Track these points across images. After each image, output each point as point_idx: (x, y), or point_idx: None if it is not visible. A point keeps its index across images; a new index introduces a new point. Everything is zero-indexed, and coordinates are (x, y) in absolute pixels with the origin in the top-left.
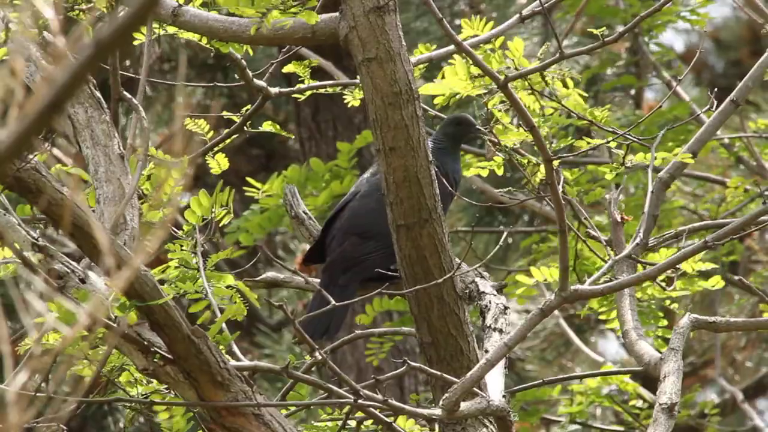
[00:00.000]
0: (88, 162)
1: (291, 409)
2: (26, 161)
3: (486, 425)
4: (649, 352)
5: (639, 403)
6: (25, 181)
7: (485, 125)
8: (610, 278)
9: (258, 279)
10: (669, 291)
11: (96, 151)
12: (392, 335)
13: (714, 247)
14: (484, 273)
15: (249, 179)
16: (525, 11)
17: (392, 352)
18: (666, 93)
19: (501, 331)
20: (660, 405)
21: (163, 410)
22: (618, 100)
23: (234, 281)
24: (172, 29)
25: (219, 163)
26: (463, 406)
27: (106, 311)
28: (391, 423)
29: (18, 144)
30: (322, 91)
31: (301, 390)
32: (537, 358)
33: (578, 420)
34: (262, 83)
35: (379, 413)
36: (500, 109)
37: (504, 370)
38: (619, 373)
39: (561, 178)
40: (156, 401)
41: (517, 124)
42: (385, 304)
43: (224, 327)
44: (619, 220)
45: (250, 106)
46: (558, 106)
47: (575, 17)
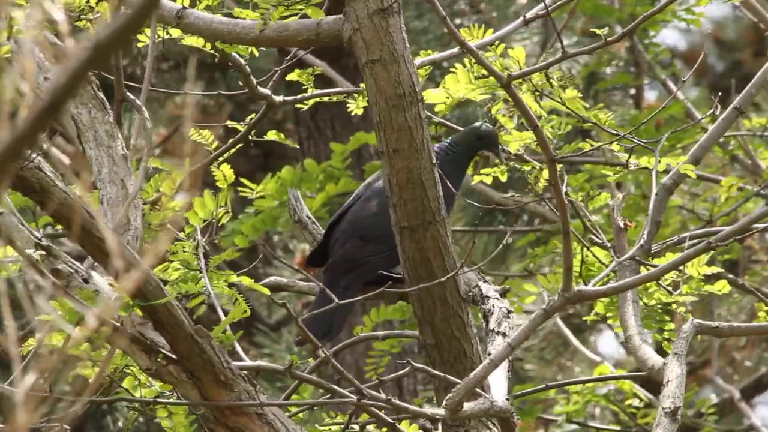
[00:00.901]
0: (91, 163)
1: (293, 410)
2: (29, 160)
3: (489, 427)
4: (653, 357)
5: (636, 403)
6: (28, 180)
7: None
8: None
9: (261, 283)
10: (675, 295)
11: (99, 151)
12: (396, 338)
13: (717, 248)
14: (487, 277)
15: (243, 180)
16: (529, 14)
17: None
18: (663, 92)
19: (504, 335)
20: (663, 409)
21: (162, 409)
22: (618, 100)
23: (236, 278)
24: (175, 32)
25: (224, 174)
26: (467, 406)
27: (114, 312)
28: (395, 423)
29: (18, 144)
30: (326, 99)
31: (303, 392)
32: (536, 358)
33: (574, 419)
34: (266, 91)
35: (382, 413)
36: (504, 114)
37: (507, 372)
38: (622, 378)
39: (565, 178)
40: (159, 401)
41: (519, 123)
42: (382, 314)
43: (227, 327)
44: (623, 226)
45: (254, 114)
46: (562, 107)
47: (568, 16)
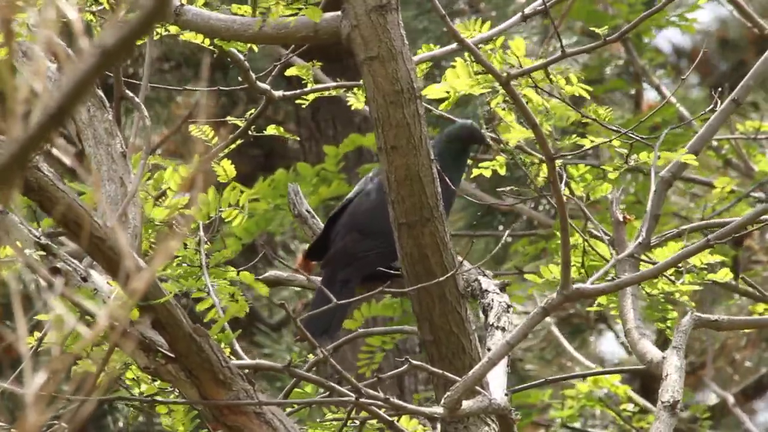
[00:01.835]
0: (90, 161)
1: (292, 408)
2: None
3: (488, 423)
4: (652, 351)
5: (630, 407)
6: (27, 179)
7: (488, 124)
8: (613, 277)
9: (261, 278)
10: (678, 285)
11: (98, 150)
12: (393, 334)
13: (715, 245)
14: (486, 271)
15: (235, 183)
16: (527, 10)
17: (393, 352)
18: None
19: (504, 330)
20: (662, 402)
21: (162, 408)
22: (618, 99)
23: (237, 275)
24: (174, 28)
25: (225, 169)
26: (465, 404)
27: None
28: (393, 422)
29: (25, 150)
30: (326, 93)
31: (306, 388)
32: (536, 358)
33: (569, 424)
34: (265, 86)
35: (381, 412)
36: (504, 108)
37: (507, 369)
38: (622, 372)
39: (564, 176)
40: (158, 399)
41: (518, 121)
42: (373, 309)
43: (226, 325)
44: (622, 219)
45: (254, 109)
46: (562, 106)
47: (560, 18)
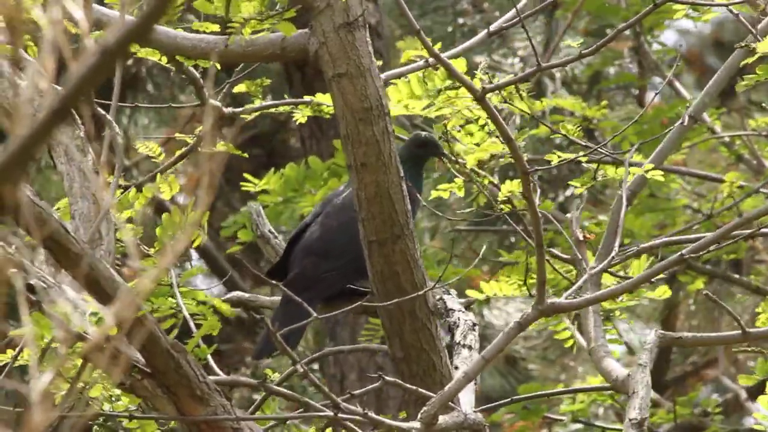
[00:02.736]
0: (62, 177)
1: (268, 423)
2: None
3: None
4: (616, 369)
5: None
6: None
7: (443, 143)
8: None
9: (224, 299)
10: (618, 302)
11: (70, 167)
12: (362, 351)
13: (689, 260)
14: (450, 290)
15: (247, 175)
16: (492, 27)
17: (367, 368)
18: (666, 92)
19: (470, 348)
20: (630, 420)
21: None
22: (621, 99)
23: (205, 297)
24: (137, 48)
25: (170, 186)
26: (441, 419)
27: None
28: None
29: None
30: (273, 110)
31: (272, 403)
32: (539, 358)
33: (580, 419)
34: (216, 102)
35: (358, 429)
36: (458, 130)
37: (474, 385)
38: (589, 390)
39: (537, 191)
40: (136, 416)
41: (493, 135)
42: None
43: (200, 342)
44: (582, 238)
45: (201, 126)
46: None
47: (571, 16)
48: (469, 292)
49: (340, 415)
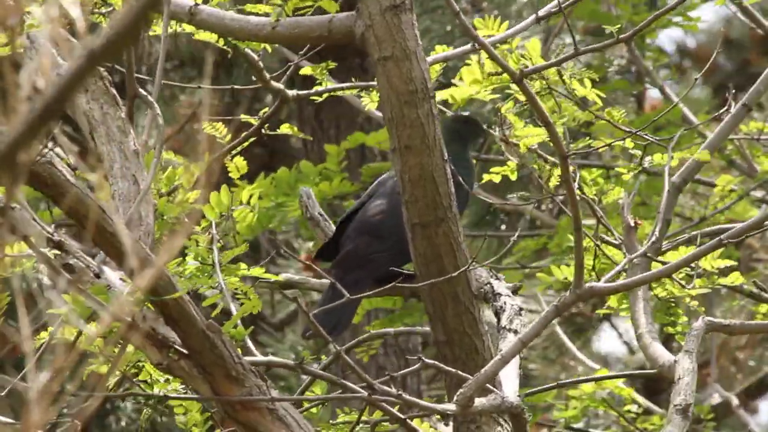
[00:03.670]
0: (103, 159)
1: (305, 405)
2: (41, 155)
3: (501, 424)
4: (663, 355)
5: (634, 408)
6: (40, 174)
7: (500, 128)
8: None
9: (273, 281)
10: (689, 289)
11: (111, 147)
12: (407, 334)
13: (728, 245)
14: (499, 275)
15: (237, 181)
16: (541, 12)
17: (395, 351)
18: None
19: (516, 332)
20: (675, 406)
21: (179, 408)
22: (621, 100)
23: (248, 272)
24: (189, 28)
25: (237, 166)
26: (478, 402)
27: (128, 308)
28: (405, 419)
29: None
30: (340, 93)
31: (315, 388)
32: (539, 357)
33: (573, 425)
34: (279, 85)
35: (394, 409)
36: (515, 113)
37: (519, 370)
38: (633, 376)
39: (577, 175)
40: (171, 396)
41: (532, 124)
42: (374, 302)
43: (239, 322)
44: (632, 224)
45: (267, 108)
46: (572, 107)
47: (563, 18)
48: (539, 275)
49: (374, 396)
